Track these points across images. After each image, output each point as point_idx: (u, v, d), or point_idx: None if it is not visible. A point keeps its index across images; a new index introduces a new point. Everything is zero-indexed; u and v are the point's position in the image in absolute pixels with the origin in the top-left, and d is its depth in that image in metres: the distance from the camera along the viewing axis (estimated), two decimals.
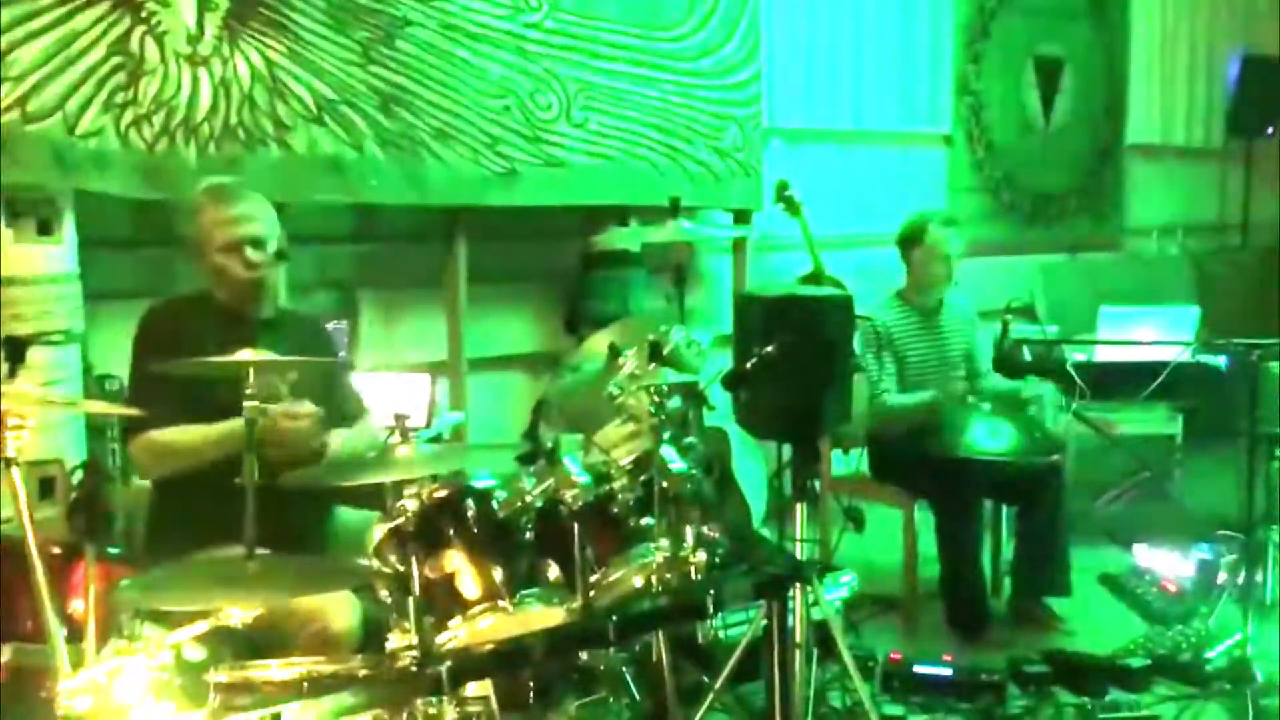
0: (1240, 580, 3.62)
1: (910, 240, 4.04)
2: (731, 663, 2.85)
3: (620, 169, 4.35)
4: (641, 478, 2.42)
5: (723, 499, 3.89)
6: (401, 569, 2.06)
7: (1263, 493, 3.46)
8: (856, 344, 3.47)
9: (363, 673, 2.01)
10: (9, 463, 1.93)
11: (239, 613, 1.85)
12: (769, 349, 2.65)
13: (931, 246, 4.00)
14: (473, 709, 2.11)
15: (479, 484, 2.23)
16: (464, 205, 4.05)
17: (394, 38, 3.78)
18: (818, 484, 3.34)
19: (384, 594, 2.13)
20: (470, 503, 2.18)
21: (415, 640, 1.99)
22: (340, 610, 2.41)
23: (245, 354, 2.08)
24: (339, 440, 2.70)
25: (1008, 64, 6.07)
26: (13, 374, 2.06)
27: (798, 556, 2.77)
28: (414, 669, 1.97)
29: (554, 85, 4.16)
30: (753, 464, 4.38)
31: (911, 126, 5.70)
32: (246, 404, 1.99)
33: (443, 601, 2.08)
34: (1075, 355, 4.90)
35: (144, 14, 3.26)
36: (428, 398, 3.72)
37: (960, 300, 4.17)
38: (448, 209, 4.08)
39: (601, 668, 2.40)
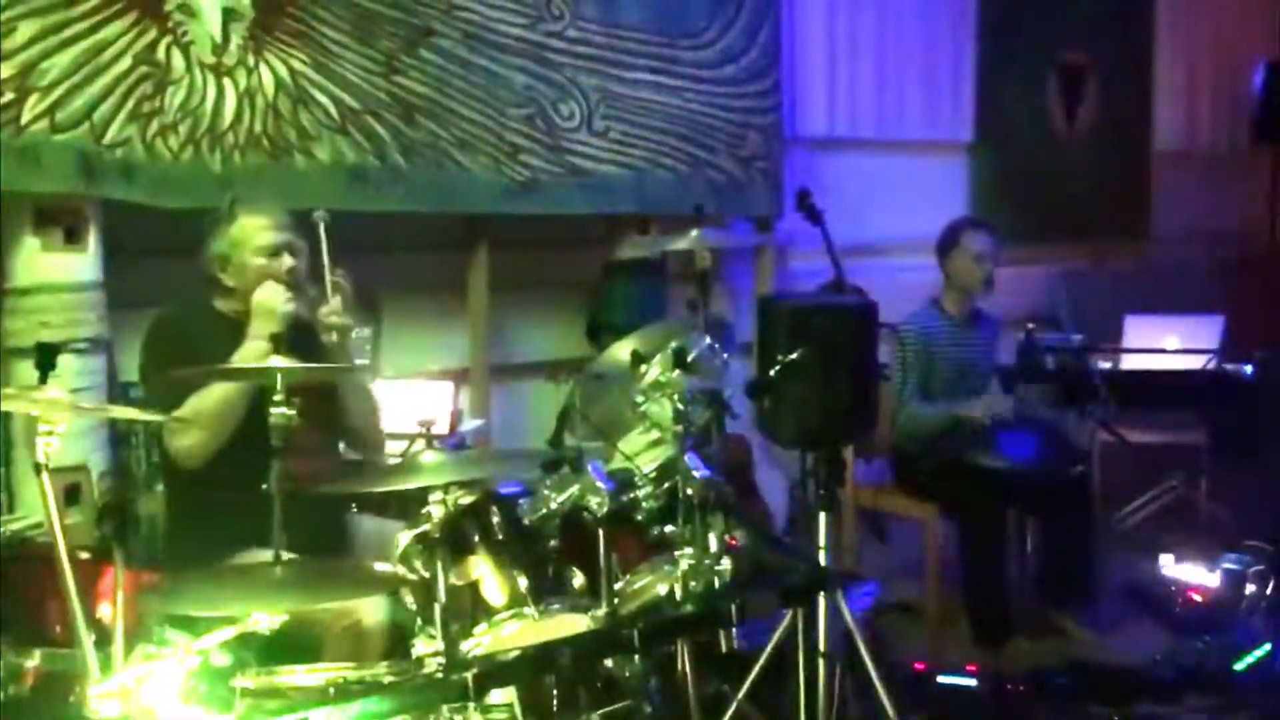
0: (1268, 591, 3.59)
1: (946, 247, 4.04)
2: (755, 672, 2.83)
3: (642, 177, 4.36)
4: (665, 485, 2.42)
5: (745, 507, 3.88)
6: (427, 575, 2.07)
7: None
8: (883, 353, 3.46)
9: (389, 679, 2.02)
10: (40, 468, 1.95)
11: (266, 618, 1.86)
12: (792, 356, 2.64)
13: (966, 250, 3.99)
14: (497, 716, 2.11)
15: (504, 491, 2.24)
16: (486, 214, 4.06)
17: (417, 47, 3.80)
18: (840, 493, 3.32)
19: (409, 600, 2.14)
20: (495, 510, 2.19)
21: (441, 647, 2.00)
22: (371, 605, 2.42)
23: (275, 360, 2.09)
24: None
25: (1031, 71, 6.04)
26: (43, 380, 2.07)
27: (822, 566, 2.76)
28: (440, 675, 1.98)
29: (576, 94, 4.17)
30: (774, 472, 4.37)
31: (934, 135, 5.68)
32: (273, 410, 1.99)
33: (468, 608, 2.09)
34: (1100, 364, 4.88)
35: (170, 24, 3.29)
36: (451, 405, 3.73)
37: (992, 313, 4.16)
38: (470, 217, 4.10)
39: (626, 675, 2.39)
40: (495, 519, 2.19)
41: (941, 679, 3.35)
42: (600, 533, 2.17)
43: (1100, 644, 3.78)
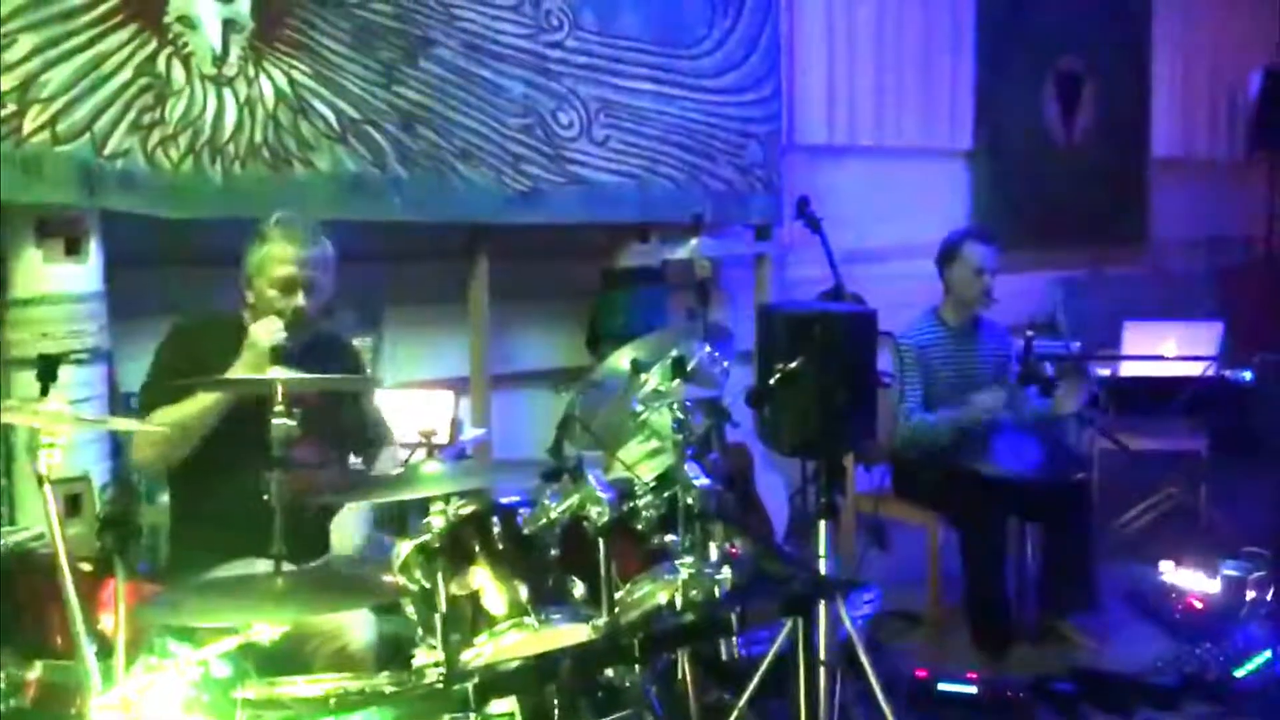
0: (1269, 598, 3.59)
1: (947, 257, 4.04)
2: (755, 680, 2.83)
3: (641, 186, 4.37)
4: (665, 494, 2.42)
5: (745, 516, 3.89)
6: (428, 585, 2.07)
7: None
8: (883, 360, 3.46)
9: (389, 689, 2.02)
10: (41, 480, 1.95)
11: (267, 629, 1.86)
12: (792, 365, 2.65)
13: (966, 262, 3.99)
14: None
15: (504, 500, 2.24)
16: (486, 223, 4.07)
17: (417, 58, 3.81)
18: (841, 501, 3.32)
19: (410, 610, 2.14)
20: (496, 519, 2.19)
21: (442, 657, 2.00)
22: (359, 628, 2.42)
23: (276, 371, 2.10)
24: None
25: (1029, 79, 6.06)
26: (44, 392, 2.08)
27: (822, 574, 2.76)
28: (440, 685, 1.98)
29: (575, 103, 4.18)
30: (775, 480, 4.37)
31: (933, 143, 5.69)
32: (275, 421, 2.00)
33: (469, 618, 2.09)
34: (1099, 371, 4.89)
35: (170, 36, 3.30)
36: (451, 414, 3.73)
37: (994, 320, 4.16)
38: (470, 227, 4.10)
39: (626, 684, 2.39)
40: (496, 528, 2.18)
41: (942, 686, 3.36)
42: (600, 542, 2.17)
43: (1101, 651, 3.78)
